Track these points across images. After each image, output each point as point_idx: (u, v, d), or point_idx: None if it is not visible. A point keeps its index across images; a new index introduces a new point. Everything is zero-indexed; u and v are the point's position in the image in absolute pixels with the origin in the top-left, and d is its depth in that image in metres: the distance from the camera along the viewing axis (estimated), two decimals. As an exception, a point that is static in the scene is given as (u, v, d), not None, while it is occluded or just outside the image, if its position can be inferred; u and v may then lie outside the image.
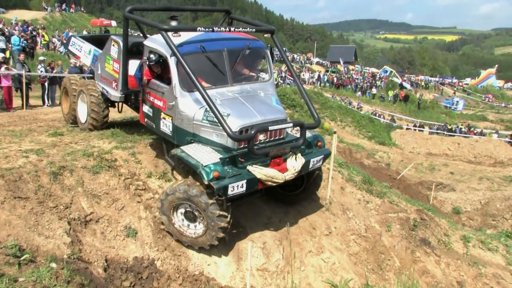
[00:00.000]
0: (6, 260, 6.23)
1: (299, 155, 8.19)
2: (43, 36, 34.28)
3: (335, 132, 13.08)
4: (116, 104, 11.56)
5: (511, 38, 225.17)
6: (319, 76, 58.64)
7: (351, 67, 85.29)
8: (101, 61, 11.02)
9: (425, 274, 10.08)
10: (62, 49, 33.97)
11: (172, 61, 8.10)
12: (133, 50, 9.92)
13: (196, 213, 7.99)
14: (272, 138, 8.20)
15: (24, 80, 17.35)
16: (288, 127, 8.23)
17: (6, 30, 31.20)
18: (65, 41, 37.21)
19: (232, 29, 8.56)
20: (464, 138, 34.67)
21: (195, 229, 8.26)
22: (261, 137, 7.94)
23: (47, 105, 18.65)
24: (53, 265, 6.54)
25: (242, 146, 7.76)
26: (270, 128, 7.66)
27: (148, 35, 10.26)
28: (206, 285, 8.12)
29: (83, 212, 8.46)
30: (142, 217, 9.04)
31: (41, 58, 21.47)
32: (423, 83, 73.71)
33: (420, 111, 52.46)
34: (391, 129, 37.77)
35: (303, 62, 74.44)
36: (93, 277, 7.38)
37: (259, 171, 7.59)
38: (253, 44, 9.15)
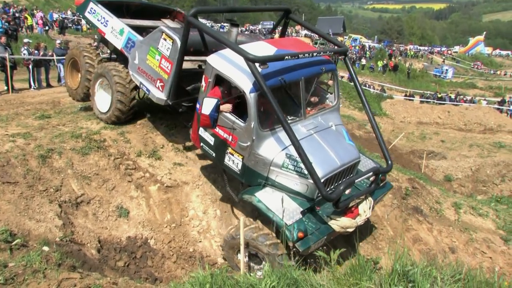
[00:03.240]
0: (-3, 246, 6.22)
1: (369, 198, 7.72)
2: (26, 18, 33.57)
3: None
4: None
5: (499, 5, 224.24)
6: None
7: (340, 38, 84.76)
8: (140, 50, 9.34)
9: (418, 241, 10.18)
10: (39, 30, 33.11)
11: (252, 98, 7.01)
12: (189, 50, 8.71)
13: (261, 257, 7.29)
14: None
15: (8, 64, 17.02)
16: (368, 177, 7.59)
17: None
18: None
19: (315, 54, 7.72)
20: (454, 106, 34.73)
21: (260, 271, 7.44)
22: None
23: (34, 88, 18.35)
24: (45, 248, 6.52)
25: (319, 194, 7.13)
26: (356, 181, 7.22)
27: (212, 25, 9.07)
28: (200, 262, 8.13)
29: (74, 194, 8.42)
30: (133, 196, 9.02)
31: (25, 40, 21.07)
32: (412, 52, 73.43)
33: (410, 80, 52.36)
34: (381, 99, 37.73)
35: (292, 35, 73.98)
36: (87, 258, 7.38)
37: (338, 224, 7.11)
38: (327, 67, 8.37)
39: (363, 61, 52.94)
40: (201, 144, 8.19)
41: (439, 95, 40.68)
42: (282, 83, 7.29)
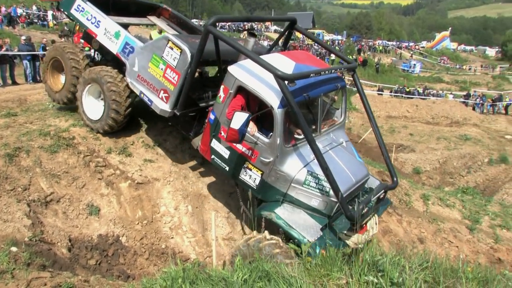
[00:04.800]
0: (-37, 248, 6.08)
1: (375, 214, 7.77)
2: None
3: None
4: None
5: (463, 2, 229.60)
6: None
7: None
8: (141, 57, 8.78)
9: (388, 233, 10.38)
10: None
11: (279, 114, 6.83)
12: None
13: None
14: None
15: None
16: (380, 194, 7.65)
17: None
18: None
19: (334, 70, 7.85)
20: (422, 100, 35.38)
21: None
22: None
23: (-1, 86, 17.90)
24: (13, 249, 6.40)
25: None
26: (372, 199, 7.29)
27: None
28: (172, 258, 8.11)
29: (43, 193, 8.29)
30: (104, 194, 8.94)
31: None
32: (381, 47, 74.36)
33: (379, 75, 52.98)
34: (351, 93, 38.10)
35: (262, 30, 73.96)
36: (57, 257, 7.28)
37: (352, 240, 7.04)
38: (341, 83, 8.34)
39: (332, 56, 53.34)
40: (212, 156, 7.84)
41: (407, 90, 41.32)
42: (306, 99, 7.23)
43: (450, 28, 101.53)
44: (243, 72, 7.26)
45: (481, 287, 4.17)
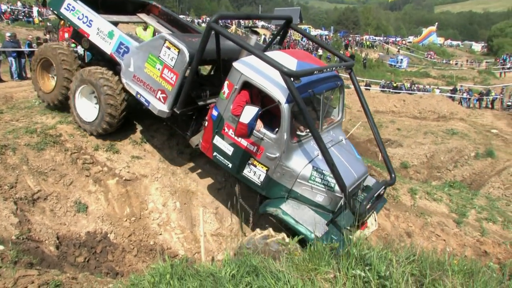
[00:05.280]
0: None
1: (374, 211, 7.90)
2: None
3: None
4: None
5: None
6: (264, 39, 58.29)
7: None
8: (137, 57, 8.63)
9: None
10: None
11: (286, 108, 6.88)
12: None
13: None
14: None
15: None
16: (380, 191, 7.78)
17: None
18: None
19: (334, 68, 7.86)
20: (409, 94, 35.56)
21: None
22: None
23: (-17, 83, 17.68)
24: (0, 247, 6.35)
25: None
26: (375, 195, 7.37)
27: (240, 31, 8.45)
28: (161, 255, 8.10)
29: (30, 191, 8.23)
30: (92, 191, 8.90)
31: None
32: (368, 43, 74.61)
33: (366, 70, 53.27)
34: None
35: (249, 25, 73.85)
36: (45, 255, 7.24)
37: (355, 236, 6.87)
38: (339, 81, 8.50)
39: (320, 52, 53.39)
40: (214, 153, 7.82)
41: (395, 84, 41.54)
42: (311, 95, 7.32)
43: (436, 23, 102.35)
44: (249, 68, 7.27)
45: (467, 279, 4.22)
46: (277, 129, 7.04)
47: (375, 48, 74.20)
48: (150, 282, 4.55)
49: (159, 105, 8.30)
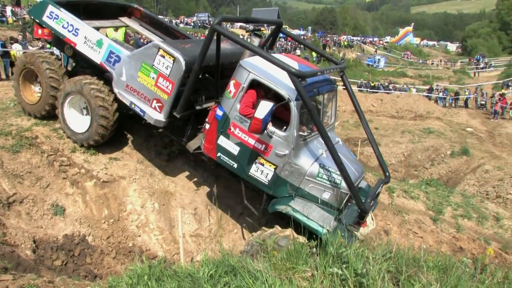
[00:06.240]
0: None
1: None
2: None
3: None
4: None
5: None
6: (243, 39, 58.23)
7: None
8: (129, 66, 8.37)
9: (354, 226, 10.53)
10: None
11: (296, 106, 7.01)
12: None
13: None
14: None
15: None
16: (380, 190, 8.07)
17: None
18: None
19: (332, 70, 8.32)
20: (386, 94, 35.93)
21: None
22: None
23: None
24: (-26, 251, 6.24)
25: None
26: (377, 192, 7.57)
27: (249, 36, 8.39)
28: (140, 256, 8.06)
29: (5, 194, 8.11)
30: (69, 193, 8.81)
31: None
32: (346, 43, 75.15)
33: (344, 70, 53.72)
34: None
35: (227, 27, 73.77)
36: (21, 260, 7.15)
37: (361, 233, 7.36)
38: (334, 85, 8.73)
39: (298, 52, 53.64)
40: (219, 154, 7.78)
41: (372, 84, 41.92)
42: (316, 94, 7.54)
43: (413, 24, 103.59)
44: (256, 66, 7.36)
45: (441, 275, 4.30)
46: (285, 127, 7.17)
47: (352, 48, 74.75)
48: (128, 283, 4.52)
49: (155, 115, 8.13)
